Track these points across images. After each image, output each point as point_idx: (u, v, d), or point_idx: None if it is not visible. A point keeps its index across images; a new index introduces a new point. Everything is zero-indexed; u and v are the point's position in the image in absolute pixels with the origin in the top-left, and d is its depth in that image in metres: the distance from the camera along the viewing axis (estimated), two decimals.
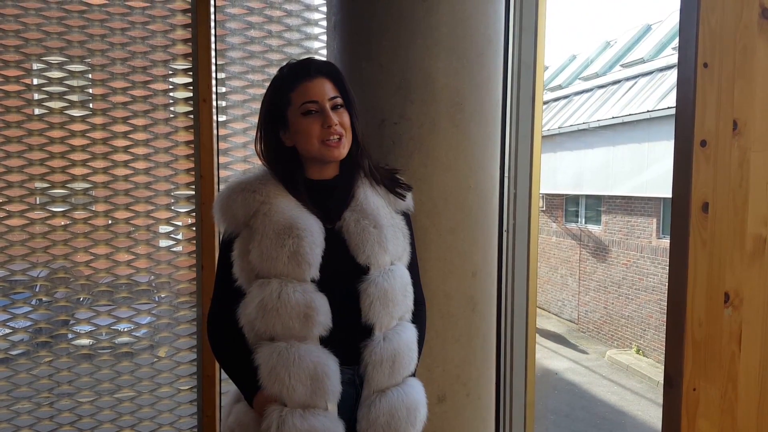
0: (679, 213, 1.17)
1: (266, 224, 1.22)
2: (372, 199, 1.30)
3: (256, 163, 2.32)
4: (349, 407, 1.25)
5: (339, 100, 1.26)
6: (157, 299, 2.33)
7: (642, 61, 11.69)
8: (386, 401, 1.24)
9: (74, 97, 2.20)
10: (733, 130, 1.14)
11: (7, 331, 2.22)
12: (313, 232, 1.22)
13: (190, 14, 2.23)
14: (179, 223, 2.29)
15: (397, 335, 1.27)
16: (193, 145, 2.26)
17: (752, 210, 1.16)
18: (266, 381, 1.19)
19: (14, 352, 2.23)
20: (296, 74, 1.26)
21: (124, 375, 2.27)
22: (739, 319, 1.17)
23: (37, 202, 2.23)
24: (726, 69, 1.13)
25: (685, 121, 1.15)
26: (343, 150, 1.26)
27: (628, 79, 11.64)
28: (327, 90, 1.24)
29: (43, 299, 2.26)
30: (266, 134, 1.30)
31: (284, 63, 2.27)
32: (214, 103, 2.25)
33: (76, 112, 2.21)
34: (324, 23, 2.30)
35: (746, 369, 1.18)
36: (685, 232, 1.15)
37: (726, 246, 1.16)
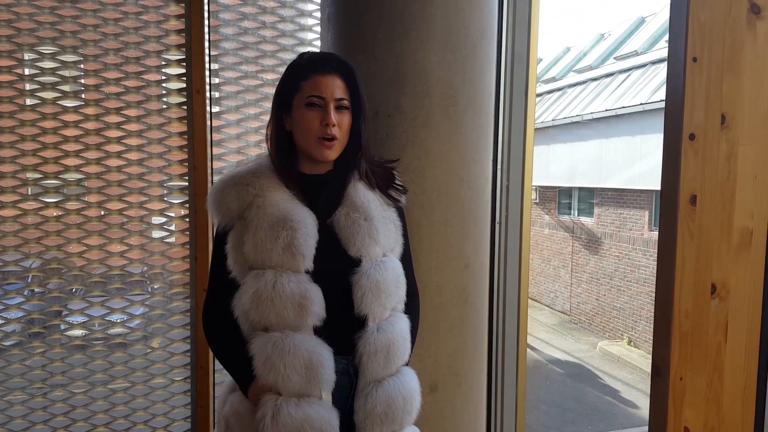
0: (667, 205, 1.18)
1: (260, 216, 1.23)
2: (362, 192, 1.32)
3: (250, 155, 2.34)
4: (344, 397, 1.27)
5: (345, 102, 1.27)
6: (150, 290, 2.33)
7: (635, 53, 11.72)
8: (383, 391, 1.26)
9: (66, 88, 2.19)
10: (721, 124, 1.16)
11: (0, 321, 2.22)
12: (306, 224, 1.24)
13: (183, 4, 2.22)
14: (172, 215, 2.29)
15: (390, 326, 1.28)
16: (186, 136, 2.26)
17: (739, 203, 1.17)
18: (261, 371, 1.20)
19: (7, 343, 2.23)
20: (314, 65, 1.27)
21: (118, 366, 2.28)
22: (726, 310, 1.19)
23: (30, 193, 2.22)
24: (715, 63, 1.15)
25: (674, 115, 1.17)
26: (333, 153, 1.27)
27: (621, 71, 11.67)
28: (336, 89, 1.26)
29: (36, 290, 2.25)
30: (274, 115, 1.31)
31: (277, 54, 2.30)
32: (208, 94, 2.24)
33: (68, 103, 2.20)
34: (318, 14, 2.30)
35: (732, 359, 1.20)
36: (674, 224, 1.17)
37: (713, 238, 1.18)
